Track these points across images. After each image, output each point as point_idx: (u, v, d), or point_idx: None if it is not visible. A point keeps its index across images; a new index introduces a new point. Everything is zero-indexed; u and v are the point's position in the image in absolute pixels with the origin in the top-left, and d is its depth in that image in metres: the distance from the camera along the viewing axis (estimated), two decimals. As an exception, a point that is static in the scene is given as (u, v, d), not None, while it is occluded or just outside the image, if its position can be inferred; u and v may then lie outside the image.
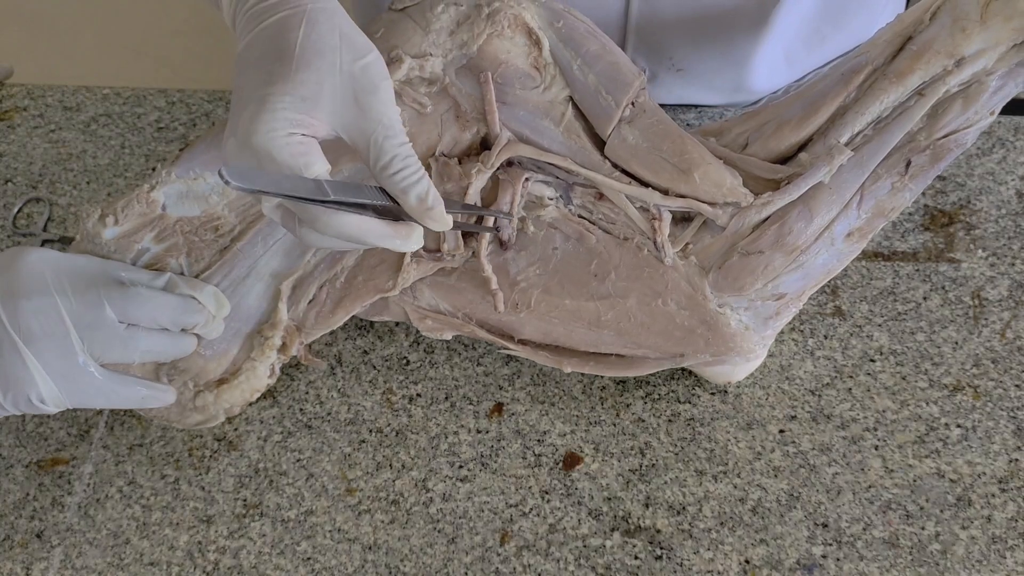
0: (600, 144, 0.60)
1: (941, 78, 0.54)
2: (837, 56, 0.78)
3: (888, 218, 0.56)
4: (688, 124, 0.74)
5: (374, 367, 0.64)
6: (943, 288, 0.65)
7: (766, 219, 0.57)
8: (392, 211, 0.49)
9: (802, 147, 0.58)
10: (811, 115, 0.57)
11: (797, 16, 0.71)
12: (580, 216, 0.61)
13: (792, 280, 0.57)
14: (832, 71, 0.58)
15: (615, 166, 0.60)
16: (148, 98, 0.79)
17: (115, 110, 0.79)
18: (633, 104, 0.59)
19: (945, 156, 0.55)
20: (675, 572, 0.56)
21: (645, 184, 0.59)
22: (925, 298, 0.64)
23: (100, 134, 0.77)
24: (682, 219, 0.59)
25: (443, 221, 0.48)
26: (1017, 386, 0.61)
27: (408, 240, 0.49)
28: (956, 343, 0.63)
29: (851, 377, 0.62)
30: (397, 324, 0.66)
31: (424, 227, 0.49)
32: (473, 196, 0.59)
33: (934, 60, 0.54)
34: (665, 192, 0.58)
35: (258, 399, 0.63)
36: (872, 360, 0.62)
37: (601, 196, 0.60)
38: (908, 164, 0.55)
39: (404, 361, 0.65)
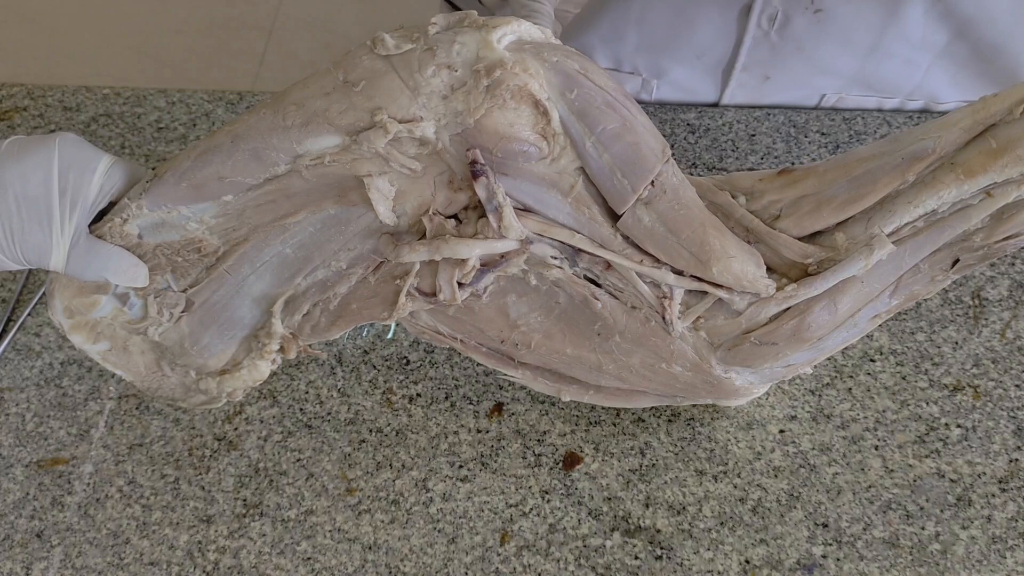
0: (612, 214, 0.54)
1: (1016, 183, 0.47)
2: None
3: (917, 301, 0.52)
4: (688, 124, 0.74)
5: (374, 367, 0.64)
6: (943, 288, 0.65)
7: (786, 309, 0.52)
8: None
9: (840, 222, 0.51)
10: (857, 200, 0.50)
11: None
12: (587, 278, 0.56)
13: (805, 356, 0.54)
14: (893, 151, 0.50)
15: (626, 238, 0.54)
16: (148, 98, 0.79)
17: (115, 110, 0.79)
18: (653, 183, 0.52)
19: (997, 255, 0.50)
20: (675, 572, 0.56)
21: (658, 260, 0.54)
22: (925, 298, 0.64)
23: (100, 134, 0.77)
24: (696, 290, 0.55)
25: None
26: (1017, 386, 0.61)
27: None
28: (956, 343, 0.63)
29: (851, 377, 0.62)
30: (397, 324, 0.66)
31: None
32: (473, 261, 0.54)
33: (1013, 166, 0.46)
34: (679, 273, 0.53)
35: (258, 399, 0.63)
36: (872, 360, 0.62)
37: (609, 266, 0.55)
38: (956, 262, 0.50)
39: (404, 361, 0.65)
